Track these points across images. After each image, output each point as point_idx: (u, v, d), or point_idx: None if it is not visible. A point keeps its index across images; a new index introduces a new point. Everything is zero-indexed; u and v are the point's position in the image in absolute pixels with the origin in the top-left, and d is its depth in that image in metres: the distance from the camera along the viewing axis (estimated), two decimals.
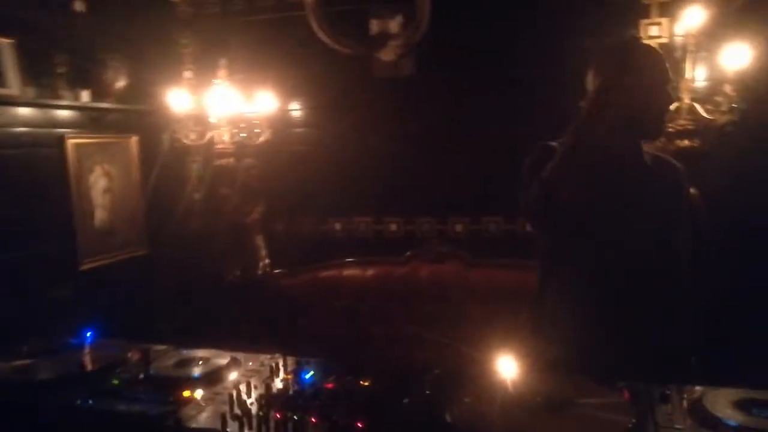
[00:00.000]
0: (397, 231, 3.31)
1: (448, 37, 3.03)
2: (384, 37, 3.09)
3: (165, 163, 3.60)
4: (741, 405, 1.13)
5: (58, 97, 3.14)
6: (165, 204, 3.59)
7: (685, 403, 1.17)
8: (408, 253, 3.19)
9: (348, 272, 3.21)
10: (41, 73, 3.06)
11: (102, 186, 3.41)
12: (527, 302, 1.82)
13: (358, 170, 3.29)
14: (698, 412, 1.12)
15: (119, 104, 3.46)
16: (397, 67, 3.14)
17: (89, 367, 1.61)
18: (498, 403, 1.18)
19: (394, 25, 3.06)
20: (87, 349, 1.73)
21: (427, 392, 1.24)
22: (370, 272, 3.17)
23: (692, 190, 2.61)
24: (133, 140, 3.59)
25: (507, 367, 1.24)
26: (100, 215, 3.38)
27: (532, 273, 1.77)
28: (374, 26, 3.08)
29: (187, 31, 3.58)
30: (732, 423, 1.06)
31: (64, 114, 3.20)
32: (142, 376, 1.52)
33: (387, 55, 3.09)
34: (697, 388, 1.22)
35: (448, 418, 1.16)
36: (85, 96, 3.28)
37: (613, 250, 1.57)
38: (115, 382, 1.50)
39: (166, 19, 3.56)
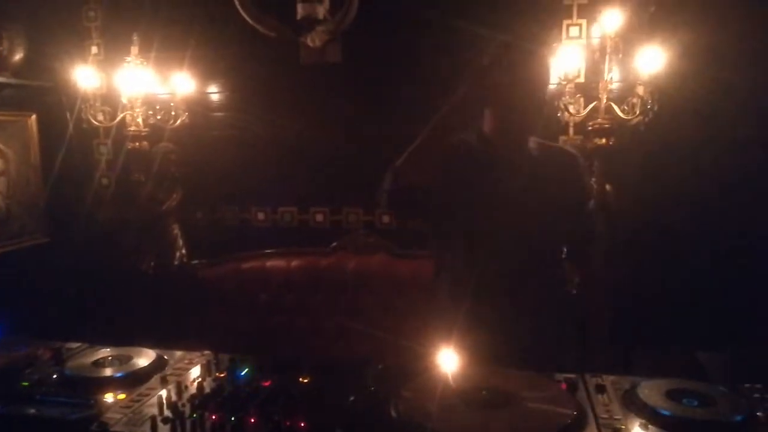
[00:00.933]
0: (323, 221, 3.25)
1: (375, 26, 3.00)
2: (310, 22, 3.00)
3: (70, 145, 3.33)
4: (672, 395, 1.19)
5: None
6: (70, 189, 3.33)
7: (619, 394, 1.22)
8: (334, 244, 3.14)
9: (272, 263, 3.12)
10: None
11: None
12: None
13: (282, 158, 3.19)
14: (633, 402, 1.17)
15: (16, 79, 3.17)
16: (324, 54, 3.07)
17: None
18: (441, 398, 1.18)
19: (321, 10, 2.98)
20: None
21: (371, 388, 1.21)
22: (294, 263, 3.09)
23: (607, 186, 2.76)
24: (32, 119, 3.30)
25: (446, 360, 1.24)
26: None
27: None
28: (301, 10, 2.98)
29: (94, 2, 3.33)
30: (665, 413, 1.11)
31: None
32: (55, 376, 1.39)
33: (314, 41, 3.01)
34: (629, 378, 1.27)
35: (393, 413, 1.15)
36: None
37: (488, 240, 1.65)
38: (25, 384, 1.36)
39: None
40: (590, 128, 2.70)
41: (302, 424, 1.12)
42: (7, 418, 1.26)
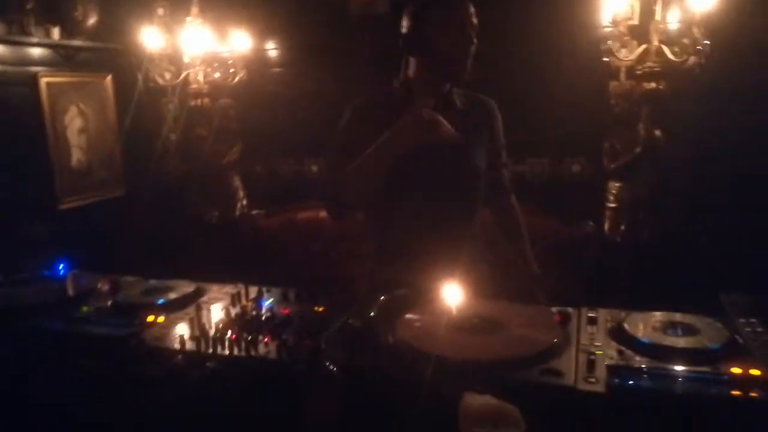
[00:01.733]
0: None
1: None
2: None
3: (140, 104, 3.59)
4: (658, 326, 1.22)
5: (28, 34, 3.10)
6: (141, 145, 3.60)
7: (609, 325, 1.26)
8: None
9: (324, 213, 3.26)
10: (8, 9, 3.02)
11: (77, 126, 3.41)
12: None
13: (335, 111, 3.27)
14: (618, 332, 1.21)
15: (91, 42, 3.43)
16: (372, 5, 3.12)
17: (60, 296, 1.68)
18: (440, 324, 1.27)
19: None
20: (59, 280, 1.80)
21: (371, 314, 1.32)
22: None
23: (657, 132, 2.68)
24: (108, 79, 3.58)
25: (451, 293, 1.32)
26: (76, 155, 3.40)
27: None
28: None
29: None
30: (645, 341, 1.15)
31: (35, 51, 3.17)
32: (110, 303, 1.59)
33: None
34: (625, 312, 1.31)
35: (389, 339, 1.25)
36: (55, 33, 3.25)
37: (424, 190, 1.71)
38: (85, 309, 1.57)
39: None
40: (639, 72, 2.62)
41: (306, 344, 1.24)
42: (68, 336, 1.47)
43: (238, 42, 3.25)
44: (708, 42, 2.40)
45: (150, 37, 3.22)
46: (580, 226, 2.79)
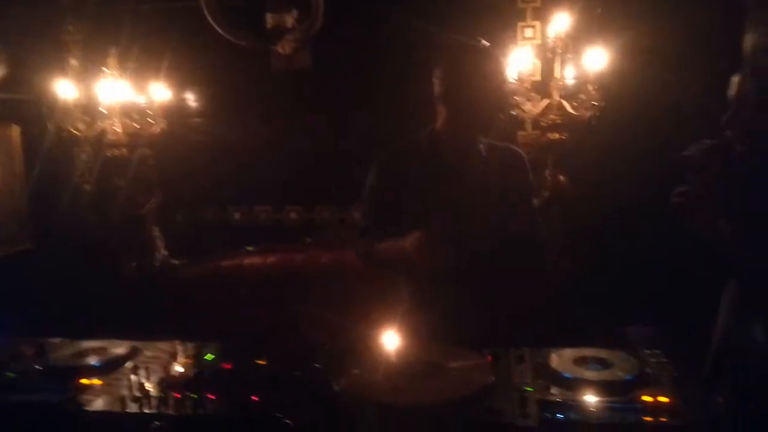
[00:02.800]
0: (298, 219, 3.41)
1: (341, 32, 3.15)
2: (280, 31, 3.15)
3: (51, 154, 3.46)
4: (579, 361, 1.35)
5: None
6: (53, 196, 3.46)
7: (535, 362, 1.38)
8: (308, 240, 3.29)
9: (249, 261, 3.27)
10: None
11: None
12: None
13: (257, 160, 3.34)
14: (544, 369, 1.33)
15: None
16: (294, 60, 3.22)
17: None
18: (381, 371, 1.33)
19: (289, 19, 3.13)
20: None
21: (317, 365, 1.37)
22: (271, 260, 3.24)
23: (561, 177, 2.93)
24: (15, 130, 3.44)
25: (389, 339, 1.40)
26: None
27: None
28: (270, 20, 3.14)
29: (73, 17, 3.45)
30: (568, 375, 1.27)
31: None
32: (38, 367, 1.54)
33: (283, 48, 3.16)
34: (547, 350, 1.43)
35: (335, 387, 1.30)
36: None
37: (453, 233, 1.77)
38: (10, 375, 1.50)
39: (50, 5, 3.41)
40: (543, 124, 2.87)
41: (254, 399, 1.27)
42: None
43: (158, 92, 3.24)
44: (599, 101, 2.68)
45: (63, 88, 3.15)
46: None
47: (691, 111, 2.73)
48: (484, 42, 2.82)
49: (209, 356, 1.56)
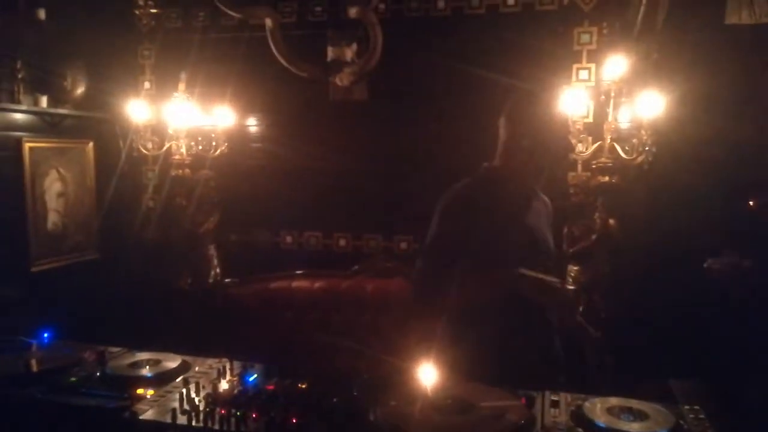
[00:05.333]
0: (346, 246, 3.50)
1: (398, 68, 3.26)
2: (339, 64, 3.29)
3: (121, 171, 3.69)
4: (613, 411, 1.36)
5: (17, 102, 3.22)
6: (120, 211, 3.68)
7: (570, 409, 1.40)
8: (355, 267, 3.37)
9: (297, 284, 3.37)
10: (1, 77, 3.14)
11: (56, 190, 3.48)
12: None
13: (310, 186, 3.46)
14: (578, 416, 1.35)
15: (77, 111, 3.56)
16: (351, 92, 3.34)
17: (47, 365, 1.73)
18: (416, 405, 1.38)
19: (349, 52, 3.27)
20: (44, 349, 1.85)
21: (354, 394, 1.42)
22: (318, 284, 3.34)
23: (611, 221, 2.92)
24: (90, 146, 3.68)
25: (427, 374, 1.44)
26: (53, 218, 3.45)
27: None
28: (331, 53, 3.28)
29: (148, 42, 3.70)
30: (601, 425, 1.29)
31: (22, 118, 3.28)
32: (98, 374, 1.65)
33: (342, 80, 3.29)
34: (582, 396, 1.45)
35: (371, 417, 1.35)
36: (43, 101, 3.37)
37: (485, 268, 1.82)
38: (73, 380, 1.62)
39: (127, 30, 3.68)
40: (594, 166, 2.88)
41: (293, 421, 1.34)
42: (57, 407, 1.52)
43: (222, 117, 3.41)
44: (651, 146, 2.67)
45: (136, 109, 3.36)
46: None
47: (747, 159, 2.69)
48: (549, 89, 2.89)
49: (253, 376, 1.64)
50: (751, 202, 1.66)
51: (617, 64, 2.78)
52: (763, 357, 1.72)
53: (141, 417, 1.40)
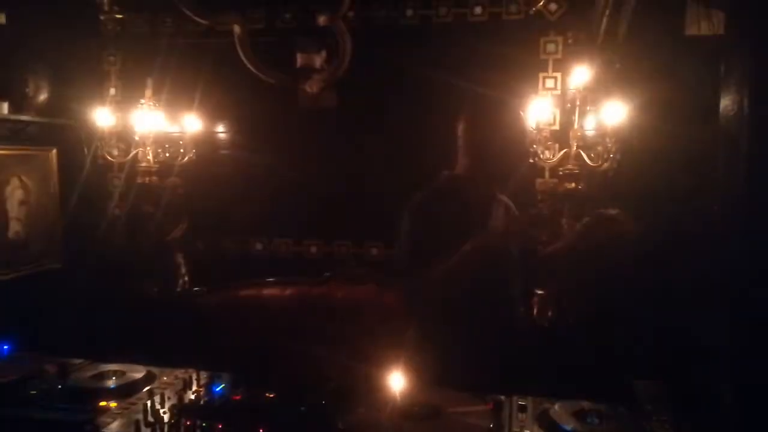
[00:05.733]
0: (317, 253, 3.48)
1: (368, 74, 3.26)
2: (308, 71, 3.28)
3: (86, 178, 3.61)
4: (579, 414, 1.38)
5: None
6: (84, 219, 3.60)
7: (536, 412, 1.41)
8: (326, 274, 3.36)
9: (267, 291, 3.34)
10: None
11: (18, 198, 3.39)
12: None
13: (280, 193, 3.44)
14: (544, 420, 1.37)
15: (40, 117, 3.47)
16: (320, 99, 3.33)
17: (6, 378, 1.68)
18: (384, 412, 1.38)
19: (318, 60, 3.26)
20: (3, 361, 1.80)
21: (323, 402, 1.42)
22: (288, 291, 3.31)
23: (577, 227, 2.96)
24: (53, 153, 3.60)
25: (395, 380, 1.44)
26: (14, 227, 3.36)
27: None
28: (300, 60, 3.27)
29: (113, 48, 3.64)
30: (567, 428, 1.30)
31: None
32: (59, 387, 1.61)
33: (311, 87, 3.29)
34: (549, 400, 1.46)
35: (340, 425, 1.35)
36: (4, 108, 3.29)
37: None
38: (33, 392, 1.58)
39: (92, 35, 3.61)
40: (561, 173, 2.92)
41: (261, 430, 1.32)
42: (16, 421, 1.48)
43: (189, 123, 3.37)
44: (616, 153, 2.72)
45: (101, 115, 3.30)
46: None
47: (707, 165, 2.77)
48: (507, 96, 2.93)
49: (220, 386, 1.62)
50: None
51: (582, 72, 2.83)
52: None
53: (103, 430, 1.37)
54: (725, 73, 2.08)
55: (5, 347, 1.85)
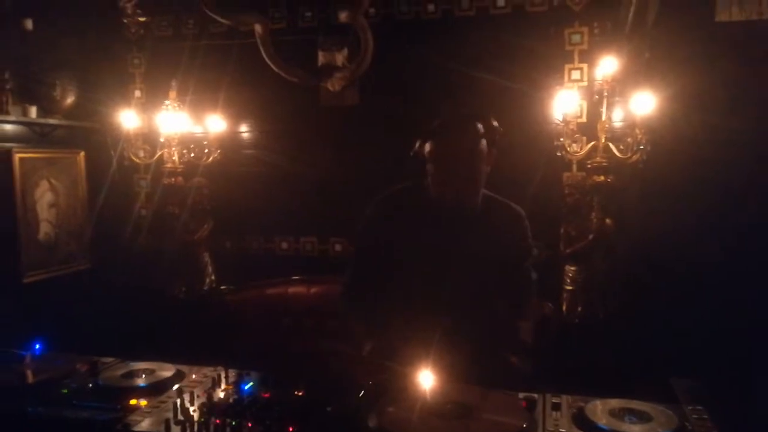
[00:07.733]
0: (342, 251, 3.47)
1: (389, 72, 3.24)
2: (330, 69, 3.27)
3: (113, 180, 3.66)
4: (616, 413, 1.34)
5: (6, 113, 3.19)
6: (112, 220, 3.65)
7: (571, 411, 1.37)
8: None
9: (293, 290, 3.34)
10: None
11: (48, 200, 3.45)
12: None
13: (304, 192, 3.44)
14: (580, 418, 1.33)
15: (67, 120, 3.53)
16: (343, 97, 3.32)
17: (39, 377, 1.70)
18: (415, 410, 1.36)
19: (340, 57, 3.25)
20: (36, 360, 1.82)
21: (352, 400, 1.40)
22: (314, 290, 3.31)
23: (607, 221, 2.90)
24: (81, 156, 3.65)
25: (425, 379, 1.42)
26: (45, 229, 3.42)
27: None
28: (321, 58, 3.27)
29: (137, 51, 3.68)
30: (604, 427, 1.27)
31: (11, 129, 3.25)
32: (90, 386, 1.62)
33: (333, 85, 3.27)
34: (585, 398, 1.43)
35: (369, 424, 1.33)
36: (33, 112, 3.34)
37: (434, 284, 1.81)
38: (64, 391, 1.59)
39: (116, 39, 3.65)
40: (589, 166, 2.87)
41: (290, 429, 1.31)
42: (48, 420, 1.49)
43: (214, 124, 3.39)
44: (646, 144, 2.65)
45: (127, 118, 3.33)
46: (540, 308, 2.93)
47: (740, 155, 2.69)
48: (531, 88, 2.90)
49: (249, 384, 1.61)
50: None
51: (609, 63, 2.77)
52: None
53: (134, 429, 1.38)
54: None
55: (37, 347, 1.87)
